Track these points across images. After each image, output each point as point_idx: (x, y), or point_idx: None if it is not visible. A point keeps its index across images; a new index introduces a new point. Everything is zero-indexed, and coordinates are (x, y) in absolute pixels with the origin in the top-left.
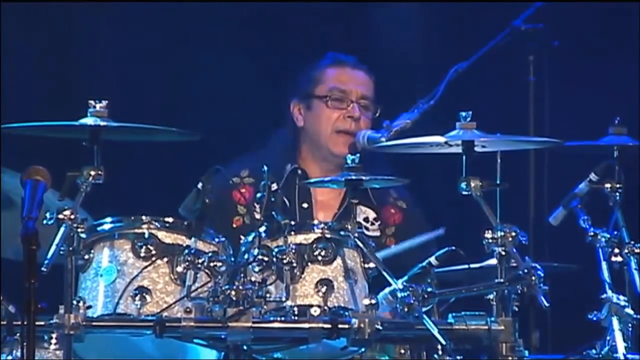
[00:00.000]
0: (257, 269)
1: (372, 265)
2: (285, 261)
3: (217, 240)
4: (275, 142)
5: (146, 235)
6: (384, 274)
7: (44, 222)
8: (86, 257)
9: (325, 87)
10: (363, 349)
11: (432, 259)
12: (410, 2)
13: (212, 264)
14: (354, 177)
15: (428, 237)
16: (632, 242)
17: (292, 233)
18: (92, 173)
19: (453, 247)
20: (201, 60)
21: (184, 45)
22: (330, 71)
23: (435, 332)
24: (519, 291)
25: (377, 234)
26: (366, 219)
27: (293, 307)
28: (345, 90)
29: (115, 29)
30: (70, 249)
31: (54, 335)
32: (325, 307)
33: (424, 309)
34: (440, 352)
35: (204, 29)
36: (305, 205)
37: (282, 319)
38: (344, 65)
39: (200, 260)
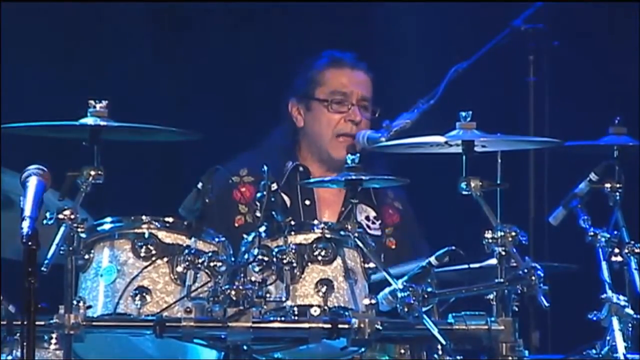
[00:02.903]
0: (257, 269)
1: (372, 265)
2: (285, 261)
3: (217, 240)
4: (274, 141)
5: (146, 235)
6: (384, 274)
7: (44, 222)
8: (86, 257)
9: (325, 89)
10: (363, 349)
11: (432, 259)
12: (410, 2)
13: (212, 264)
14: (354, 177)
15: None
16: (632, 242)
17: (292, 233)
18: (92, 173)
19: (453, 247)
20: (201, 60)
21: (184, 44)
22: (330, 73)
23: (435, 332)
24: (519, 291)
25: (379, 233)
26: (367, 218)
27: (293, 307)
28: (346, 92)
29: (116, 29)
30: (70, 249)
31: (54, 335)
32: (325, 307)
33: (424, 309)
34: (440, 352)
35: (204, 29)
36: (307, 202)
37: (282, 319)
38: (343, 66)
39: (200, 260)
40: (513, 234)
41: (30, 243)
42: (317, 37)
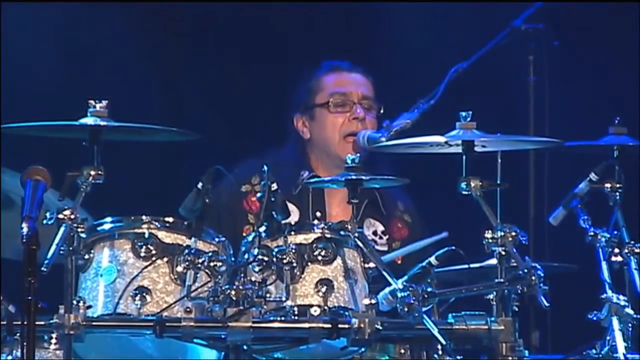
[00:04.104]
0: (257, 269)
1: (372, 265)
2: (285, 261)
3: (217, 240)
4: (283, 156)
5: (146, 235)
6: (384, 274)
7: (44, 222)
8: (86, 257)
9: (325, 94)
10: (363, 349)
11: (432, 259)
12: (410, 2)
13: (212, 264)
14: (354, 177)
15: (430, 241)
16: (632, 242)
17: (292, 233)
18: (92, 173)
19: (453, 247)
20: (201, 60)
21: (184, 45)
22: (328, 78)
23: (435, 332)
24: (519, 291)
25: (385, 248)
26: (375, 233)
27: (293, 307)
28: (346, 92)
29: (116, 29)
30: (70, 249)
31: (54, 335)
32: (325, 307)
33: (424, 309)
34: (440, 352)
35: (203, 29)
36: (318, 214)
37: (282, 319)
38: (340, 70)
39: (200, 260)
40: (513, 234)
41: (30, 243)
42: (317, 37)
